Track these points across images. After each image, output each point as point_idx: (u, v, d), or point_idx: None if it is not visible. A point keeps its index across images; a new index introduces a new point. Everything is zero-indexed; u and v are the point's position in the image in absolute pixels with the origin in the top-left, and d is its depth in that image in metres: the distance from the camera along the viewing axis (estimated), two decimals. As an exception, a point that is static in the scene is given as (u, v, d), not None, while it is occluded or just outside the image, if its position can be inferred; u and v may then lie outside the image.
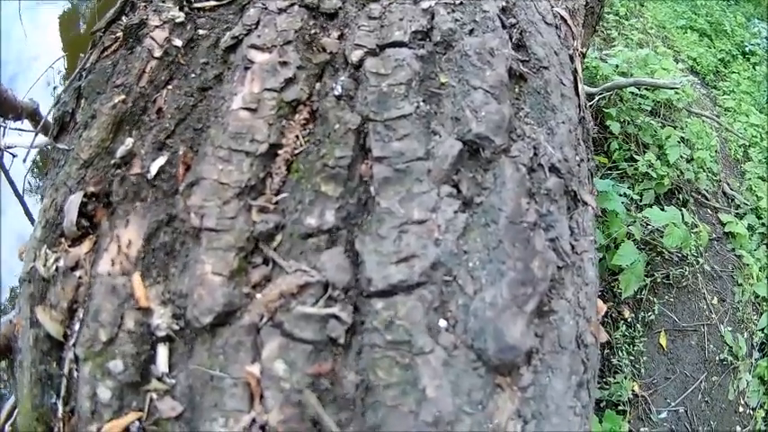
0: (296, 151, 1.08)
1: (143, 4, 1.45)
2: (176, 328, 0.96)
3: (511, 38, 1.31)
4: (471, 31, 1.25)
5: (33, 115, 3.03)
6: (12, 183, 3.97)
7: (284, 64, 1.15)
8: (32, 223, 3.45)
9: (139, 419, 0.93)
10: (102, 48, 1.38)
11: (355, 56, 1.17)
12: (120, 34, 1.36)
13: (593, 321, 1.14)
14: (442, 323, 0.92)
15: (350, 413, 0.88)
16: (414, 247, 0.95)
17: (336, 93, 1.14)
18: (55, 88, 6.59)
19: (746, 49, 10.21)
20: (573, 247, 1.16)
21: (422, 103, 1.11)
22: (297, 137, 1.09)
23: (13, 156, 4.63)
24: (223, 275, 0.95)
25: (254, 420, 0.87)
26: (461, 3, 1.31)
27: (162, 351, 0.95)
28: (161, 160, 1.12)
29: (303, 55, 1.19)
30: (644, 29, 8.94)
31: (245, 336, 0.92)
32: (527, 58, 1.32)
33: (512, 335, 0.92)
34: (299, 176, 1.05)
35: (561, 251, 1.10)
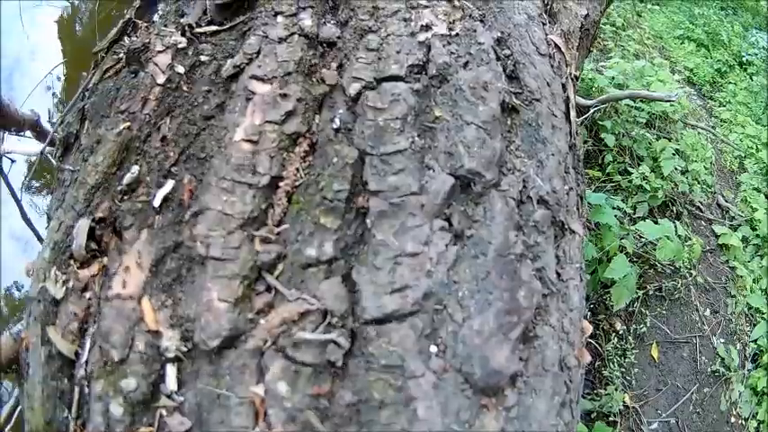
0: (296, 183, 1.12)
1: (144, 25, 1.48)
2: (184, 350, 1.00)
3: (505, 69, 1.35)
4: (466, 65, 1.29)
5: (35, 126, 3.05)
6: (10, 187, 3.97)
7: (285, 96, 1.19)
8: (30, 227, 3.48)
9: None
10: (104, 68, 1.42)
11: (353, 89, 1.21)
12: (122, 56, 1.39)
13: (576, 345, 1.18)
14: (433, 349, 0.97)
15: (346, 430, 0.93)
16: (407, 278, 1.00)
17: (335, 126, 1.17)
18: (54, 94, 6.60)
19: (744, 59, 10.17)
20: (559, 275, 1.20)
21: (417, 138, 1.15)
22: (297, 169, 1.13)
23: (12, 161, 4.64)
24: (228, 302, 1.00)
25: (258, 437, 0.92)
26: (457, 34, 1.34)
27: (171, 371, 1.00)
28: (166, 188, 1.16)
29: (303, 86, 1.22)
30: (641, 39, 8.92)
31: (250, 359, 0.97)
32: (520, 90, 1.35)
33: (497, 360, 0.97)
34: (299, 208, 1.09)
35: (547, 280, 1.15)
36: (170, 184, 1.17)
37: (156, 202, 1.15)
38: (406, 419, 0.92)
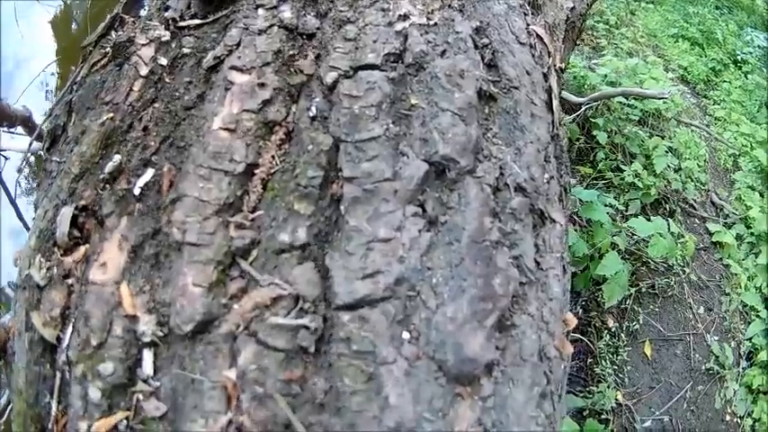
0: (272, 171, 1.13)
1: (131, 20, 1.51)
2: (160, 334, 1.01)
3: (483, 58, 1.36)
4: (443, 53, 1.30)
5: (27, 122, 3.06)
6: (4, 185, 3.98)
7: (262, 86, 1.21)
8: (25, 225, 3.50)
9: (127, 418, 0.99)
10: (92, 62, 1.44)
11: (330, 78, 1.22)
12: (109, 50, 1.42)
13: (557, 335, 1.18)
14: (405, 335, 0.97)
15: (318, 417, 0.93)
16: (379, 264, 1.00)
17: (311, 114, 1.19)
18: (48, 91, 6.62)
19: (738, 57, 10.15)
20: (538, 264, 1.20)
21: (391, 125, 1.16)
22: (273, 157, 1.14)
23: (6, 159, 4.64)
24: (203, 287, 1.00)
25: (230, 421, 0.93)
26: (435, 24, 1.36)
27: (147, 356, 1.01)
28: (146, 176, 1.17)
29: (281, 76, 1.24)
30: (634, 38, 8.95)
31: (223, 343, 0.98)
32: (498, 79, 1.36)
33: (471, 348, 0.97)
34: (273, 195, 1.10)
35: (525, 268, 1.14)
36: (150, 172, 1.18)
37: (137, 190, 1.16)
38: (377, 407, 0.92)
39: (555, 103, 1.56)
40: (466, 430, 0.96)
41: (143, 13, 1.61)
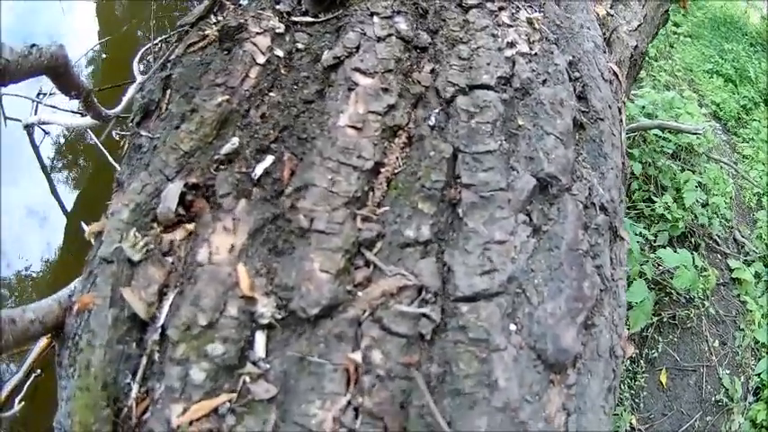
0: (395, 171, 1.22)
1: (232, 6, 1.57)
2: (279, 317, 1.06)
3: (575, 90, 1.49)
4: (544, 82, 1.42)
5: (88, 96, 3.12)
6: (40, 159, 4.06)
7: (386, 90, 1.30)
8: (58, 201, 3.57)
9: (230, 401, 1.00)
10: (188, 42, 1.48)
11: (448, 92, 1.33)
12: (208, 32, 1.47)
13: (623, 337, 1.31)
14: (512, 327, 1.08)
15: (432, 398, 1.01)
16: (495, 262, 1.11)
17: (431, 123, 1.29)
18: (94, 70, 6.69)
19: (769, 97, 10.17)
20: (612, 274, 1.33)
21: (504, 142, 1.27)
22: (396, 158, 1.23)
23: (46, 133, 4.70)
24: (330, 273, 1.07)
25: (349, 402, 0.99)
26: (536, 54, 1.47)
27: (260, 338, 1.05)
28: (266, 162, 1.23)
29: (402, 84, 1.33)
30: (672, 71, 8.96)
31: (348, 327, 1.04)
32: (587, 110, 1.49)
33: (566, 340, 1.09)
34: (397, 194, 1.19)
35: (603, 276, 1.27)
36: (269, 158, 1.25)
37: (256, 175, 1.22)
38: (488, 390, 1.01)
39: (623, 135, 1.68)
40: (554, 413, 1.08)
41: (243, 1, 1.64)
